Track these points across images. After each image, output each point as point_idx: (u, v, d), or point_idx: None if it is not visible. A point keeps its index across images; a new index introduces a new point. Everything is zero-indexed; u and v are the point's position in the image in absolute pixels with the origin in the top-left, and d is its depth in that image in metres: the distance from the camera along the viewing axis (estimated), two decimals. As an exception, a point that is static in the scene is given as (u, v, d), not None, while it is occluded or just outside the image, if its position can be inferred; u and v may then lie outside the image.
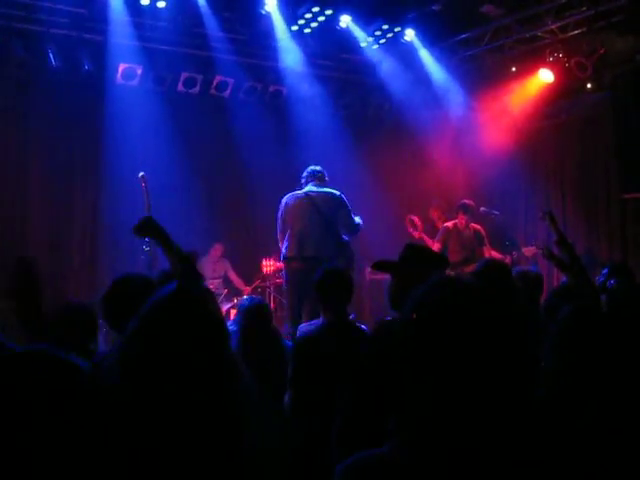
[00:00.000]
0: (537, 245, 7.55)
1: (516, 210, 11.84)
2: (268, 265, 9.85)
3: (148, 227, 3.99)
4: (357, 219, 7.86)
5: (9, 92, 9.75)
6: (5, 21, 9.10)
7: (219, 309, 2.16)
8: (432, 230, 10.32)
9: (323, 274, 4.56)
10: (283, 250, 7.72)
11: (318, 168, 8.08)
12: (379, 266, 4.08)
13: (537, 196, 11.79)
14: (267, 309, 4.63)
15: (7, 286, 7.10)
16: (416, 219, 10.15)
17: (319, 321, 4.64)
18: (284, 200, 7.93)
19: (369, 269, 10.87)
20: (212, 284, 10.11)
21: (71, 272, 10.10)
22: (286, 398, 4.24)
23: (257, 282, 10.50)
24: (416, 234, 10.03)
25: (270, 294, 10.05)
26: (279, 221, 7.87)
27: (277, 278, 10.07)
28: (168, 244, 3.67)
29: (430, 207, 10.75)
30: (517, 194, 11.86)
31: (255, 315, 4.37)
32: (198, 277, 3.75)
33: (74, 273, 10.13)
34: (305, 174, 8.07)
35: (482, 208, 9.95)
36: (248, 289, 10.34)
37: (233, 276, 10.64)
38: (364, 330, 4.53)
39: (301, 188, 7.98)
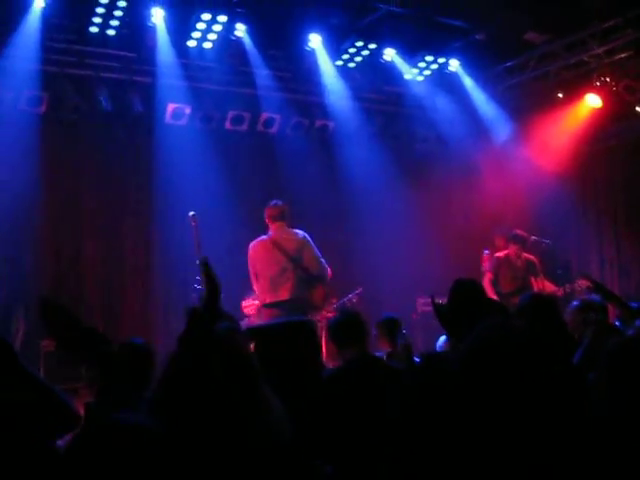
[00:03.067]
0: (587, 277, 7.42)
1: (568, 237, 11.69)
2: (247, 306, 9.45)
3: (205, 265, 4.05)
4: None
5: (63, 134, 10.00)
6: (58, 67, 9.38)
7: (243, 347, 2.17)
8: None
9: (333, 321, 4.62)
10: (261, 297, 7.79)
11: (280, 204, 8.04)
12: (434, 305, 4.10)
13: (589, 222, 11.65)
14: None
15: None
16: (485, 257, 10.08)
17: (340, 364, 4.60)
18: (251, 246, 7.92)
19: (421, 301, 10.80)
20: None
21: (125, 307, 10.26)
22: None
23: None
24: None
25: (322, 328, 10.03)
26: (250, 267, 7.83)
27: (328, 312, 10.06)
28: (210, 287, 3.68)
29: (495, 234, 10.57)
30: (568, 221, 11.72)
31: None
32: (216, 319, 3.77)
33: (128, 308, 10.28)
34: (268, 213, 8.02)
35: (533, 237, 9.84)
36: None
37: None
38: (391, 366, 4.48)
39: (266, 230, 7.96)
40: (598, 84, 10.33)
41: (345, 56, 10.49)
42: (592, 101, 10.50)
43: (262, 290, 7.78)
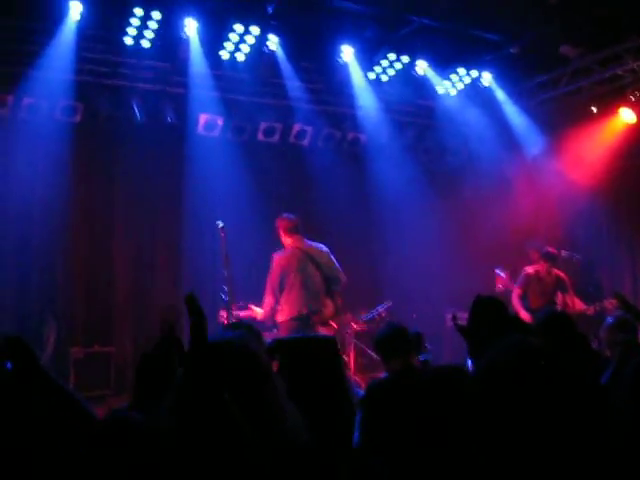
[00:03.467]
0: (619, 296, 7.32)
1: (600, 254, 11.56)
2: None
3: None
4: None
5: (97, 144, 10.12)
6: (93, 78, 9.50)
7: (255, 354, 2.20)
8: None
9: (381, 333, 4.65)
10: (292, 307, 7.64)
11: (295, 217, 8.09)
12: (456, 325, 4.13)
13: (621, 239, 11.52)
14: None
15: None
16: (501, 274, 10.04)
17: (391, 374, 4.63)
18: (281, 256, 7.86)
19: (450, 315, 10.73)
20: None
21: (155, 315, 10.33)
22: (355, 438, 4.28)
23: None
24: (500, 288, 9.94)
25: (349, 340, 10.02)
26: (276, 278, 7.71)
27: (356, 324, 10.04)
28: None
29: (529, 248, 10.46)
30: (600, 237, 11.59)
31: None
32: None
33: (158, 316, 10.35)
34: (286, 224, 8.05)
35: (563, 252, 9.76)
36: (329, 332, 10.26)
37: None
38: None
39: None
40: (632, 99, 10.23)
41: (377, 69, 10.49)
42: (626, 116, 10.39)
43: (294, 302, 7.67)
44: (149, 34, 9.08)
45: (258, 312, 7.73)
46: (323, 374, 3.05)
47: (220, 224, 7.73)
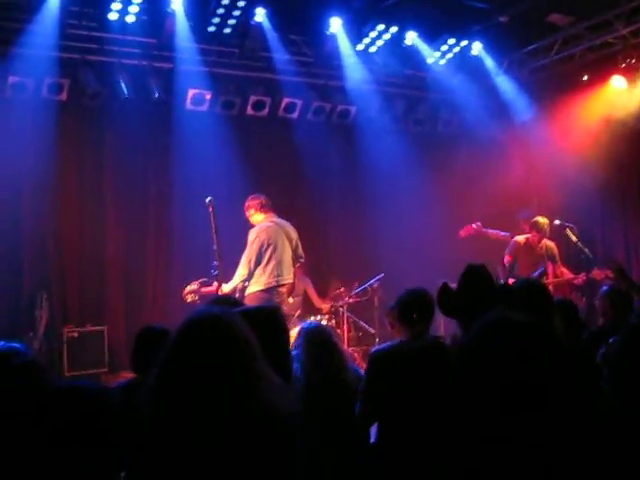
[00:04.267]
0: (613, 263, 7.33)
1: (592, 222, 11.52)
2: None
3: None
4: None
5: (84, 121, 10.04)
6: (79, 54, 9.41)
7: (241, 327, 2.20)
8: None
9: (406, 294, 4.62)
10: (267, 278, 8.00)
11: (263, 196, 8.41)
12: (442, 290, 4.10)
13: (613, 206, 11.51)
14: (327, 335, 4.67)
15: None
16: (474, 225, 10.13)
17: (395, 341, 4.63)
18: (260, 229, 8.16)
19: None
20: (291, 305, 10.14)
21: (147, 292, 10.32)
22: (357, 408, 4.30)
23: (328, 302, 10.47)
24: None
25: (343, 314, 10.01)
26: (256, 251, 8.02)
27: (349, 297, 10.04)
28: None
29: (519, 218, 10.42)
30: (592, 205, 11.54)
31: (313, 342, 4.47)
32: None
33: (149, 292, 10.34)
34: (258, 202, 8.37)
35: (556, 221, 9.71)
36: (326, 307, 10.28)
37: (312, 294, 10.57)
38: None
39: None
40: (624, 66, 10.17)
41: (366, 40, 10.41)
42: (618, 83, 10.33)
43: (269, 274, 8.01)
44: (134, 9, 8.98)
45: (223, 287, 7.83)
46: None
47: (208, 198, 7.70)
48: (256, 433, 2.00)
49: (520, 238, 9.68)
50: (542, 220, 9.60)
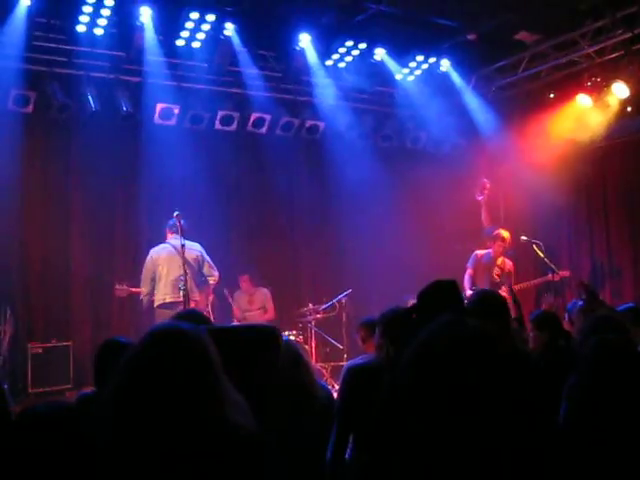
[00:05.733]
0: (580, 287, 7.50)
1: (559, 238, 11.66)
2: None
3: None
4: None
5: (51, 135, 9.95)
6: (46, 67, 9.33)
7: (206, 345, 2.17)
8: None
9: (391, 312, 4.58)
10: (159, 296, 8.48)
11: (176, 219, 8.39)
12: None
13: (580, 223, 11.64)
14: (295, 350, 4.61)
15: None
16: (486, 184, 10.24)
17: (370, 356, 4.58)
18: (152, 252, 8.67)
19: (412, 302, 10.73)
20: (252, 317, 10.09)
21: (113, 307, 10.19)
22: (335, 422, 4.24)
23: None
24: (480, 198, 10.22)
25: (311, 329, 9.99)
26: (146, 270, 8.63)
27: (317, 313, 10.01)
28: None
29: (485, 235, 10.44)
30: (559, 221, 11.68)
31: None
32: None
33: (116, 307, 10.21)
34: (170, 223, 8.59)
35: (523, 237, 9.76)
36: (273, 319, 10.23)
37: (270, 307, 10.50)
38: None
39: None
40: (589, 84, 10.29)
41: (335, 56, 10.45)
42: (583, 101, 10.45)
43: (160, 291, 8.45)
44: (102, 22, 8.94)
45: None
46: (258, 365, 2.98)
47: (176, 213, 7.66)
48: (217, 452, 1.96)
49: (480, 251, 9.70)
50: (505, 233, 9.63)
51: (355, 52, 10.39)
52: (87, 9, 8.74)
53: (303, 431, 4.27)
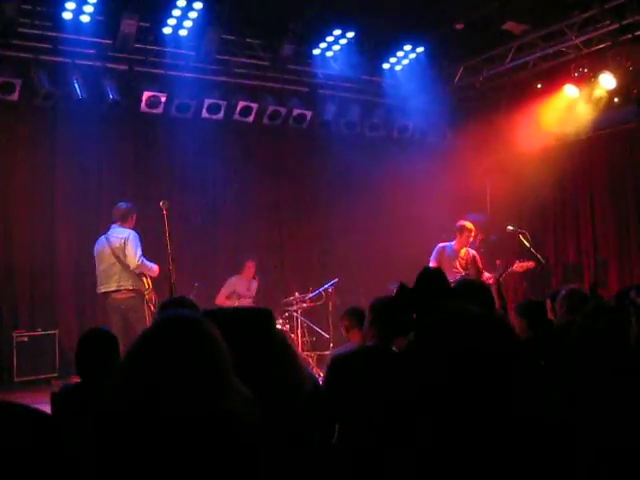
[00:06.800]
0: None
1: (545, 228, 11.71)
2: None
3: None
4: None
5: (36, 123, 9.87)
6: (32, 54, 9.25)
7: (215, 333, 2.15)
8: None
9: (382, 300, 4.58)
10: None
11: (123, 206, 8.42)
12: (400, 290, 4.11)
13: (565, 212, 11.69)
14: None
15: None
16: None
17: (354, 344, 4.60)
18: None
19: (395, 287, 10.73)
20: (245, 302, 10.05)
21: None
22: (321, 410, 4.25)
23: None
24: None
25: (297, 318, 9.99)
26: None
27: (303, 302, 10.01)
28: None
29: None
30: (545, 211, 11.73)
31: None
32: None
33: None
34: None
35: (509, 227, 9.76)
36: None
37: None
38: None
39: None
40: (577, 75, 10.30)
41: (323, 45, 10.44)
42: (570, 92, 10.47)
43: (98, 282, 8.35)
44: (88, 9, 8.87)
45: None
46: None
47: (162, 202, 7.62)
48: (216, 440, 1.97)
49: (443, 243, 9.55)
50: (469, 225, 9.51)
51: (343, 41, 10.37)
52: (73, -4, 8.69)
53: (290, 419, 4.28)
